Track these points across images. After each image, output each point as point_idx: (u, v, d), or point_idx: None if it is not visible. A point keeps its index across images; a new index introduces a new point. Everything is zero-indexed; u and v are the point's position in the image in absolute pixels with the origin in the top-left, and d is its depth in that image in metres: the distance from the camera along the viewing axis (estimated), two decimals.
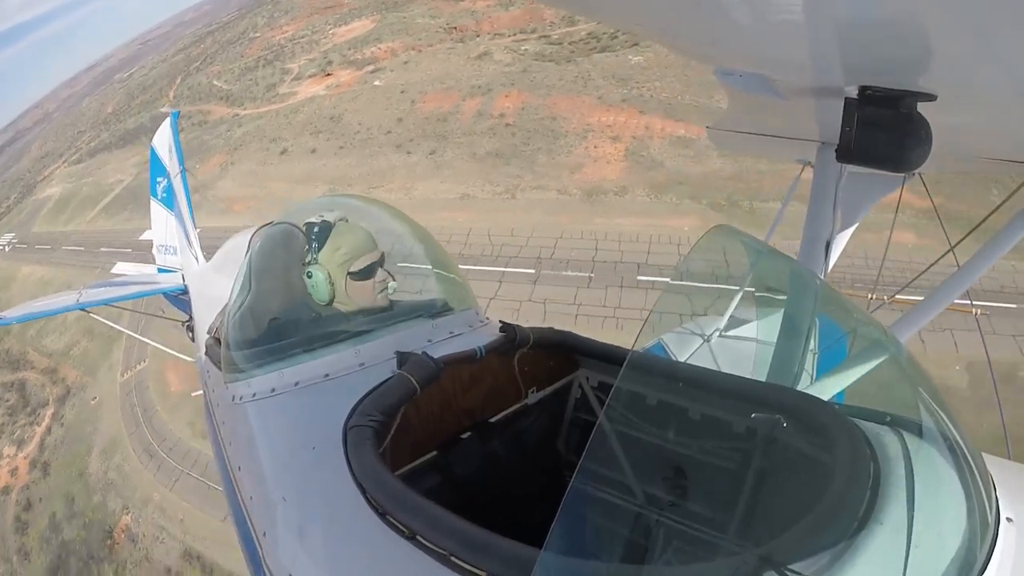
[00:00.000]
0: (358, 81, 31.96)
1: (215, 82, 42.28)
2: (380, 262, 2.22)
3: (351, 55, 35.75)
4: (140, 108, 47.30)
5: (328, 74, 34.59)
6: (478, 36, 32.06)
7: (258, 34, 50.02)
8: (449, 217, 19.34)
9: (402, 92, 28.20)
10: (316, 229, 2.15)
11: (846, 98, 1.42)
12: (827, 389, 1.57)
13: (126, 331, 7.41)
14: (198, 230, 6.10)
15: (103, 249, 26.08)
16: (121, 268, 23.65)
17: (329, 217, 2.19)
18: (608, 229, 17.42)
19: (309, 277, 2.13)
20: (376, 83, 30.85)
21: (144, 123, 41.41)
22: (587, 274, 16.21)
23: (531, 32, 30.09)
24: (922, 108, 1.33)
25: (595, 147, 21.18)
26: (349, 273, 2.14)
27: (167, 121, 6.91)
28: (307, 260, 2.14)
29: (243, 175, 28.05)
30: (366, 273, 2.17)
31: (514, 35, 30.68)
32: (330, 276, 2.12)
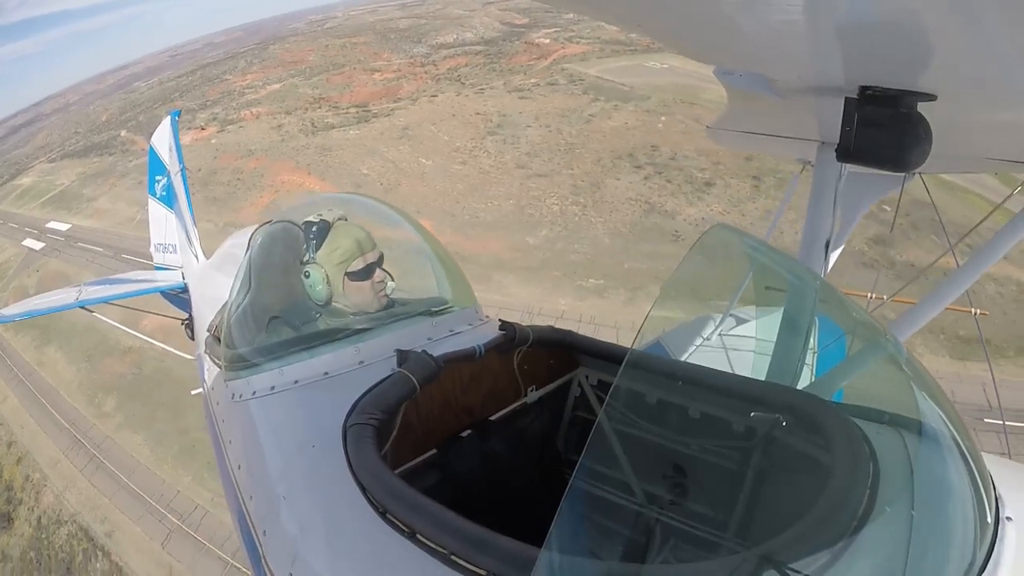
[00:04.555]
0: (209, 138, 40.04)
1: (164, 118, 46.89)
2: (379, 262, 2.21)
3: (232, 115, 43.40)
4: (118, 126, 53.60)
5: (203, 128, 41.30)
6: (318, 108, 39.88)
7: (229, 77, 56.02)
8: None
9: (216, 150, 37.20)
10: (315, 228, 2.14)
11: (846, 98, 1.42)
12: (826, 388, 1.57)
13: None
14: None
15: (26, 229, 39.26)
16: (27, 243, 37.15)
17: (328, 216, 2.18)
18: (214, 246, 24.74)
19: (307, 277, 2.12)
20: (212, 141, 38.81)
21: (102, 142, 50.07)
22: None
23: (360, 107, 38.29)
24: (922, 108, 1.33)
25: (259, 198, 30.54)
26: (347, 273, 2.14)
27: (167, 120, 6.90)
28: (305, 259, 2.14)
29: (115, 197, 40.77)
30: (364, 273, 2.16)
31: (346, 109, 38.93)
32: (327, 276, 2.12)
